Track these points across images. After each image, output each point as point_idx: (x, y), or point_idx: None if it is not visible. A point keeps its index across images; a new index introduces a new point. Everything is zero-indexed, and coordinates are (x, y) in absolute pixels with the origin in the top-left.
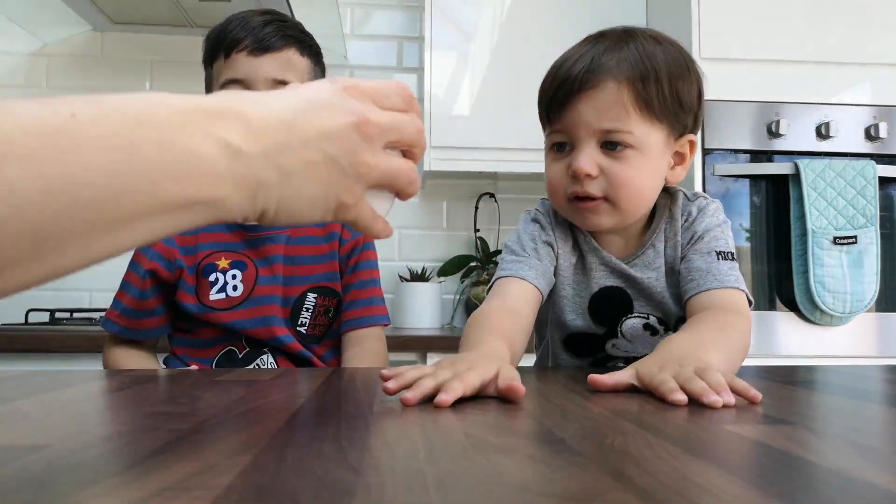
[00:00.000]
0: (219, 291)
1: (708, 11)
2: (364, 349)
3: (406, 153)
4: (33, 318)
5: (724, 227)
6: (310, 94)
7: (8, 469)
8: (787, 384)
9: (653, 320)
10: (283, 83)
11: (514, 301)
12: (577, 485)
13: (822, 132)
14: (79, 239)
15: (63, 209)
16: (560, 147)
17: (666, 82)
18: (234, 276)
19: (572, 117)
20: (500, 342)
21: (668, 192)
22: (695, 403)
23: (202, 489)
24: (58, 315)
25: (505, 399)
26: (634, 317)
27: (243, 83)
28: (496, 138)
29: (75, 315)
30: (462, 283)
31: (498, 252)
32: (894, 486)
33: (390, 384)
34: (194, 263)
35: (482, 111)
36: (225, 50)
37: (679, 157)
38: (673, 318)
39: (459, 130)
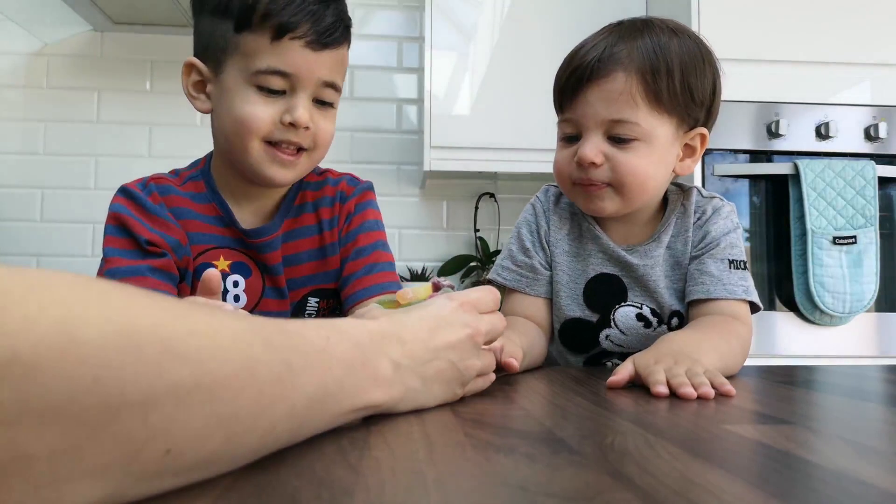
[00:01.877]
0: None
1: (708, 11)
2: None
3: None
4: None
5: (738, 232)
6: (437, 313)
7: None
8: (787, 384)
9: (646, 310)
10: (330, 85)
11: (525, 313)
12: (577, 485)
13: (822, 132)
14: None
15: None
16: (570, 139)
17: (678, 75)
18: (235, 284)
19: (582, 106)
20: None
21: (681, 189)
22: (696, 401)
23: (202, 489)
24: None
25: (505, 398)
26: (628, 305)
27: (290, 77)
28: (496, 138)
29: None
30: (462, 283)
31: (498, 252)
32: (894, 486)
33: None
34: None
35: (482, 111)
36: (276, 31)
37: (689, 150)
38: (667, 310)
39: (459, 130)
